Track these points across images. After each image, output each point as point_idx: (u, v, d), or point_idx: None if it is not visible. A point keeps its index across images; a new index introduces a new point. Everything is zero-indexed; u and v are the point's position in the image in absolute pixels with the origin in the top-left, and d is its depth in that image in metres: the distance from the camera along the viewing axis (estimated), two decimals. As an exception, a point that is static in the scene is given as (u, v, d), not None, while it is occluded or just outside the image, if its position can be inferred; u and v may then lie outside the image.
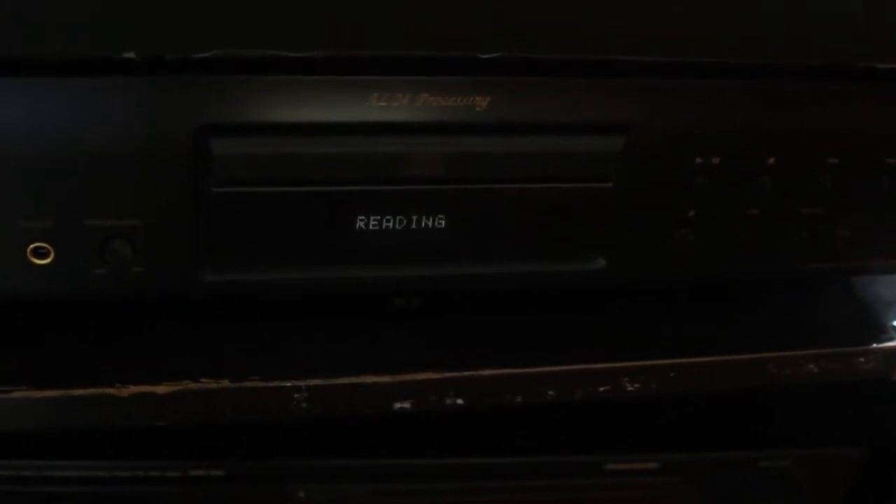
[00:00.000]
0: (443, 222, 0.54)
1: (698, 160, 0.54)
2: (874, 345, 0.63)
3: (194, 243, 0.52)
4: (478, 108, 0.51)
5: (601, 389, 0.59)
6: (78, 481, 0.64)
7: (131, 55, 0.46)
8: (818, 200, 0.57)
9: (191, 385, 0.54)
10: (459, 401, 0.57)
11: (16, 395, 0.52)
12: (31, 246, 0.50)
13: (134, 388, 0.53)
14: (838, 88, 0.54)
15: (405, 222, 0.53)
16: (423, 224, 0.53)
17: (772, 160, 0.55)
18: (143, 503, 0.65)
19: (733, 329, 0.62)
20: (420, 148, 0.51)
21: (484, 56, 0.49)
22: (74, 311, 0.58)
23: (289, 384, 0.55)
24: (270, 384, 0.55)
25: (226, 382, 0.54)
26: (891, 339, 0.63)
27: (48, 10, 0.44)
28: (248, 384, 0.55)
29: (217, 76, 0.48)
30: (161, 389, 0.54)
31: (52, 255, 0.51)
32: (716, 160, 0.54)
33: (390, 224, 0.53)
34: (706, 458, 0.70)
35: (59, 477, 0.63)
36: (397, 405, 0.57)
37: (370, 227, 0.53)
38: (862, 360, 0.62)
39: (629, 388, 0.59)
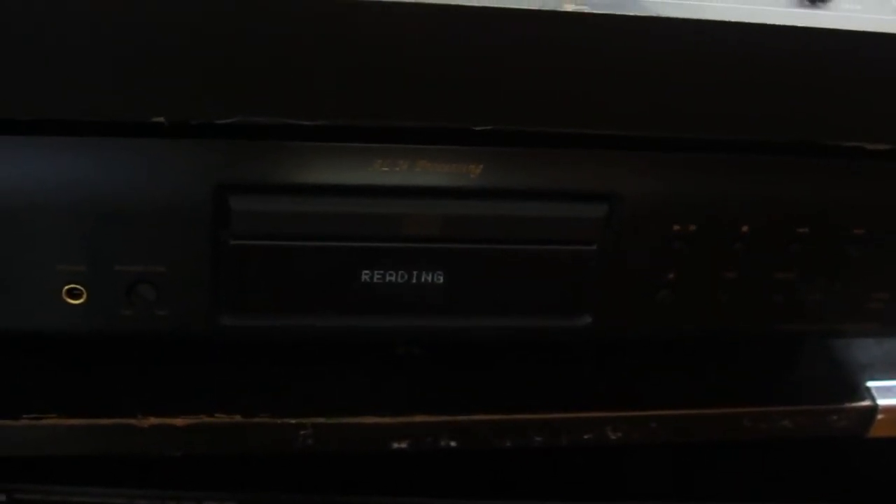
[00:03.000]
0: (441, 278, 0.57)
1: (676, 227, 0.57)
2: (847, 404, 0.65)
3: (213, 290, 0.55)
4: (472, 175, 0.54)
5: (585, 437, 0.62)
6: (101, 508, 0.68)
7: (161, 119, 0.50)
8: (790, 266, 0.59)
9: (206, 419, 0.57)
10: (453, 443, 0.61)
11: (45, 422, 0.56)
12: (66, 287, 0.54)
13: (154, 420, 0.57)
14: (807, 163, 0.57)
15: (406, 277, 0.56)
16: (422, 279, 0.57)
17: (745, 228, 0.58)
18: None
19: (712, 384, 0.65)
20: (418, 210, 0.55)
21: (477, 128, 0.52)
22: (102, 347, 0.61)
23: (295, 422, 0.58)
24: (278, 421, 0.58)
25: (238, 418, 0.58)
26: (863, 399, 0.65)
27: (90, 79, 0.48)
28: (258, 420, 0.58)
29: (237, 140, 0.52)
30: (179, 422, 0.57)
31: (84, 296, 0.54)
32: (692, 227, 0.57)
33: (392, 278, 0.56)
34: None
35: (83, 503, 0.67)
36: (395, 445, 0.60)
37: (374, 280, 0.56)
38: (835, 417, 0.65)
39: (612, 437, 0.62)
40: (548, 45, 0.50)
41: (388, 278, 0.57)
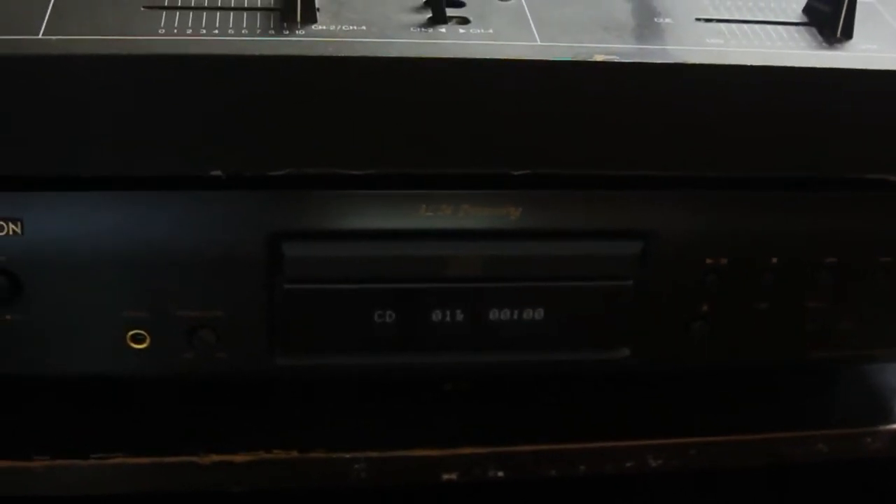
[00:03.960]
0: (484, 316, 0.59)
1: (709, 261, 0.59)
2: (881, 426, 0.66)
3: (268, 332, 0.58)
4: (511, 217, 0.57)
5: (627, 465, 0.63)
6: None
7: (218, 173, 0.53)
8: (820, 295, 0.61)
9: (264, 455, 0.60)
10: (500, 473, 0.62)
11: (112, 461, 0.58)
12: (130, 332, 0.57)
13: (215, 457, 0.59)
14: (833, 196, 0.59)
15: (451, 316, 0.59)
16: (466, 317, 0.59)
17: (774, 260, 0.59)
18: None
19: (748, 411, 0.66)
20: (462, 252, 0.57)
21: (516, 173, 0.55)
22: (164, 388, 0.63)
23: (349, 456, 0.60)
24: (334, 455, 0.60)
25: (294, 453, 0.60)
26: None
27: (153, 138, 0.51)
28: (314, 455, 0.60)
29: (289, 190, 0.55)
30: (238, 458, 0.59)
31: (147, 341, 0.57)
32: (724, 261, 0.59)
33: (438, 317, 0.59)
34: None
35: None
36: (445, 476, 0.62)
37: (419, 320, 0.59)
38: (869, 440, 0.66)
39: (653, 465, 0.64)
40: (581, 93, 0.53)
41: (433, 318, 0.59)
